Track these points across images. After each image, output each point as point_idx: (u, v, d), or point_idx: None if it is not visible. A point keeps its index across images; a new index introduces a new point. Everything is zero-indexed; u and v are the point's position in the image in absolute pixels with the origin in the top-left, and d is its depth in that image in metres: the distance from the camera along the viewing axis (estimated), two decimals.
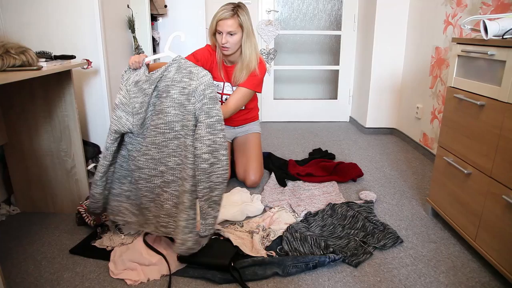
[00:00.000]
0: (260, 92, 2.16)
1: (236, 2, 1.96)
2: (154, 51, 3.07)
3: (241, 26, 1.90)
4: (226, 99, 2.11)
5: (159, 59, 1.92)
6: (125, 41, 2.23)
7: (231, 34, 1.90)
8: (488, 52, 1.36)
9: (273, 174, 2.35)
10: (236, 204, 1.93)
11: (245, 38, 1.94)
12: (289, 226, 1.72)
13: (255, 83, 2.06)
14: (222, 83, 2.12)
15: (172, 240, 1.60)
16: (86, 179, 1.88)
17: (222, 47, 1.94)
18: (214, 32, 1.96)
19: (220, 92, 2.14)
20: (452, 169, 1.64)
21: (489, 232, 1.40)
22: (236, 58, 2.05)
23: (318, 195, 2.10)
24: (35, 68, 1.43)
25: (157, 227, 1.52)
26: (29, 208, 1.92)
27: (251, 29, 1.95)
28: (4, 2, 1.78)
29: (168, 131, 1.44)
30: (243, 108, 2.22)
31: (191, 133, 1.39)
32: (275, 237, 1.65)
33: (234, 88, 2.11)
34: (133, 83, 1.46)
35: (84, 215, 1.71)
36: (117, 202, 1.58)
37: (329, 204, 1.93)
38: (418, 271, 1.46)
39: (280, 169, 2.43)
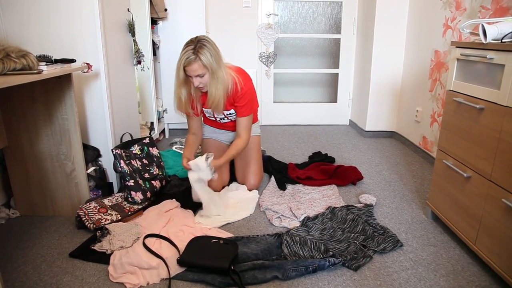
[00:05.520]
0: (257, 106, 2.15)
1: (197, 37, 1.80)
2: (154, 54, 3.09)
3: (205, 67, 1.78)
4: (221, 118, 2.11)
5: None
6: (125, 45, 2.23)
7: (201, 76, 1.81)
8: (487, 56, 1.37)
9: (272, 178, 2.34)
10: (229, 204, 1.99)
11: (211, 79, 1.82)
12: (289, 230, 1.71)
13: (248, 106, 2.00)
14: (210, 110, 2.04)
15: (172, 244, 1.60)
16: (86, 182, 1.88)
17: (198, 87, 1.88)
18: (184, 77, 1.85)
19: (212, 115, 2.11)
20: (451, 173, 1.64)
21: (489, 235, 1.40)
22: None
23: (318, 199, 2.10)
24: (35, 71, 1.44)
25: None
26: (28, 211, 1.92)
27: (216, 65, 1.79)
28: (4, 5, 1.79)
29: None
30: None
31: None
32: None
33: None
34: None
35: (84, 218, 1.71)
36: None
37: (329, 207, 1.93)
38: (418, 274, 1.46)
39: (280, 172, 2.43)
